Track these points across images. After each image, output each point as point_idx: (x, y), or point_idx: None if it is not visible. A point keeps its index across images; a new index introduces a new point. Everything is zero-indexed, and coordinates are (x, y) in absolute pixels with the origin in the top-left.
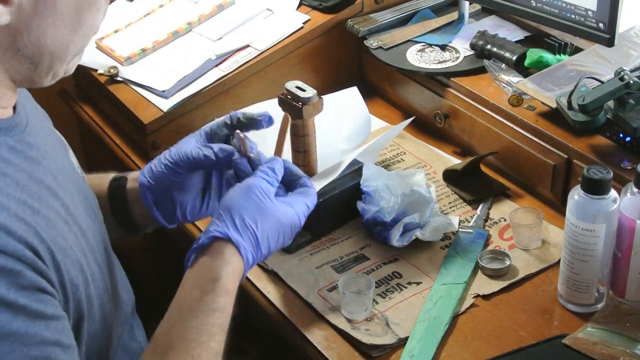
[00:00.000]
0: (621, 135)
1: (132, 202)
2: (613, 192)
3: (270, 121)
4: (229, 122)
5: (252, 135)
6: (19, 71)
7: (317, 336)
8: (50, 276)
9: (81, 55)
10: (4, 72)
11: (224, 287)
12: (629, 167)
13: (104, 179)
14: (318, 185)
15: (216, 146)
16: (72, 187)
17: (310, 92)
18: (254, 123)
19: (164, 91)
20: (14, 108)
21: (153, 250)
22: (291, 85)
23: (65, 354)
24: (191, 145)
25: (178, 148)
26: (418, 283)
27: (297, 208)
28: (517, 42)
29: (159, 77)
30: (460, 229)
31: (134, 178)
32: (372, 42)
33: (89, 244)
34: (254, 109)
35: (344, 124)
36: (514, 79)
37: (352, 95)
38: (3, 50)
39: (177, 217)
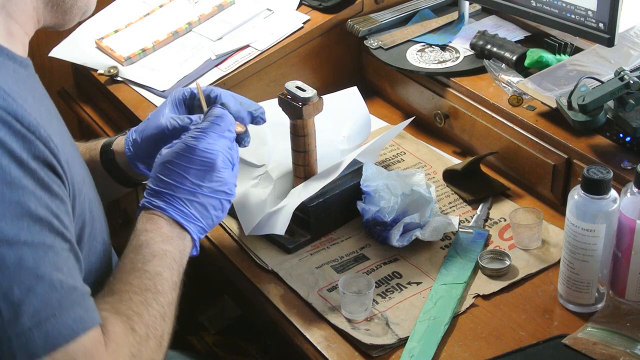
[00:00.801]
0: (621, 135)
1: (126, 169)
2: (613, 192)
3: (261, 120)
4: (196, 103)
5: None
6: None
7: (317, 336)
8: (60, 161)
9: None
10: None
11: (142, 229)
12: (629, 167)
13: (95, 151)
14: (318, 185)
15: (187, 118)
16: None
17: (310, 92)
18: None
19: (164, 91)
20: None
21: None
22: (291, 85)
23: (64, 230)
24: (167, 116)
25: (153, 120)
26: (418, 283)
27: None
28: (517, 42)
29: (159, 77)
30: (460, 229)
31: (119, 150)
32: (372, 42)
33: (89, 182)
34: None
35: (344, 124)
36: (514, 79)
37: (352, 95)
38: None
39: None
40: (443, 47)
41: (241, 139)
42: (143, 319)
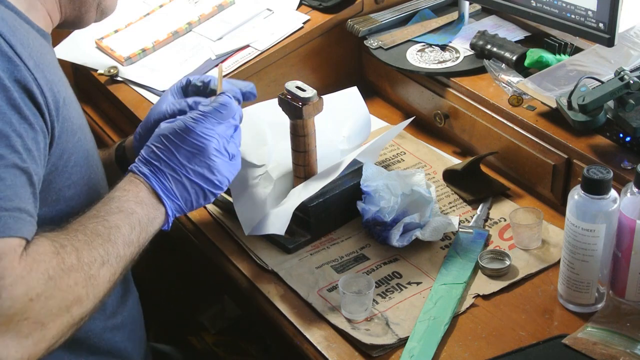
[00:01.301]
0: (621, 135)
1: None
2: (613, 192)
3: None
4: (201, 88)
5: (252, 138)
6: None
7: (317, 336)
8: (44, 92)
9: None
10: None
11: (121, 188)
12: (629, 167)
13: (111, 150)
14: (318, 185)
15: (184, 101)
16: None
17: (310, 92)
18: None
19: (164, 91)
20: None
21: (153, 250)
22: (291, 85)
23: (24, 150)
24: (167, 101)
25: (155, 108)
26: (418, 283)
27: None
28: (517, 42)
29: (159, 77)
30: (460, 229)
31: (129, 146)
32: (372, 42)
33: (91, 149)
34: (256, 109)
35: (344, 124)
36: (514, 79)
37: (352, 95)
38: None
39: None
40: (443, 47)
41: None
42: (78, 254)
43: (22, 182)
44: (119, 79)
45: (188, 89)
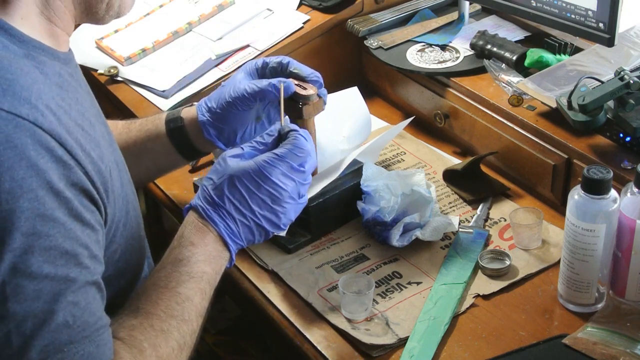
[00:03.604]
0: (621, 135)
1: (194, 137)
2: (613, 192)
3: (317, 80)
4: (278, 69)
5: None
6: None
7: (317, 336)
8: (96, 183)
9: None
10: None
11: (188, 239)
12: (629, 167)
13: (157, 122)
14: (318, 185)
15: (266, 81)
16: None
17: (310, 90)
18: (298, 79)
19: (164, 91)
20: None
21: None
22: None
23: (91, 261)
24: (244, 82)
25: (233, 87)
26: (418, 283)
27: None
28: (517, 42)
29: (159, 77)
30: (460, 229)
31: (191, 117)
32: (372, 42)
33: (126, 173)
34: None
35: (344, 124)
36: (514, 79)
37: (352, 95)
38: None
39: (237, 142)
40: (443, 47)
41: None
42: (157, 351)
43: (93, 295)
44: (119, 79)
45: (265, 71)
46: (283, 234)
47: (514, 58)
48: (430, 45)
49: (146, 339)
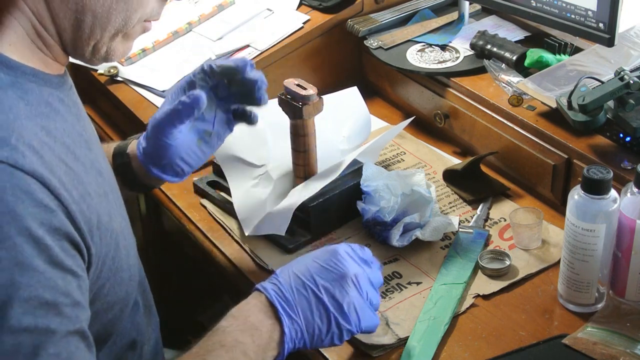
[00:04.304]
0: (621, 135)
1: (140, 173)
2: (613, 192)
3: (252, 67)
4: (207, 70)
5: (252, 138)
6: (65, 28)
7: None
8: (79, 226)
9: (129, 44)
10: (54, 22)
11: (232, 314)
12: (629, 167)
13: (106, 154)
14: (318, 185)
15: (185, 95)
16: (101, 152)
17: (310, 90)
18: (231, 72)
19: (164, 91)
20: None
21: (154, 252)
22: (290, 82)
23: (72, 309)
24: (166, 106)
25: (157, 115)
26: (418, 283)
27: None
28: (517, 42)
29: (159, 77)
30: (460, 229)
31: (134, 155)
32: (372, 42)
33: (119, 199)
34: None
35: (344, 124)
36: (514, 79)
37: (352, 95)
38: None
39: (185, 171)
40: (443, 47)
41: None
42: None
43: (76, 345)
44: (119, 79)
45: (195, 84)
46: (282, 232)
47: (514, 58)
48: (430, 45)
49: None
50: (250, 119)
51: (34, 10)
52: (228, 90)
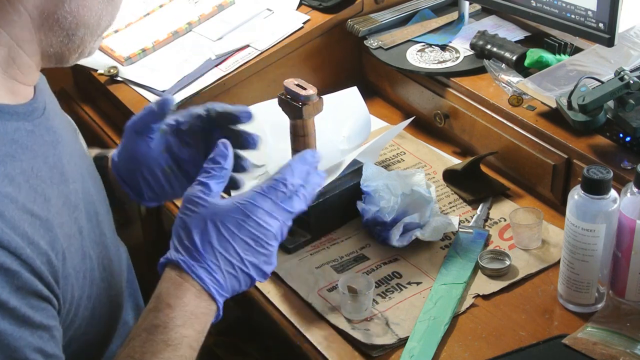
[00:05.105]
0: (621, 135)
1: (112, 180)
2: (613, 192)
3: (249, 117)
4: (204, 115)
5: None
6: (51, 44)
7: (317, 336)
8: (47, 279)
9: (101, 37)
10: (39, 45)
11: (165, 301)
12: (629, 167)
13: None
14: None
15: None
16: (85, 169)
17: (310, 90)
18: (233, 118)
19: (164, 91)
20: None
21: (154, 252)
22: (290, 82)
23: None
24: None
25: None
26: (418, 283)
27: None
28: (517, 42)
29: (159, 77)
30: (460, 229)
31: (111, 156)
32: (372, 42)
33: (100, 225)
34: (256, 109)
35: (344, 124)
36: (514, 79)
37: (352, 95)
38: (43, 19)
39: (146, 195)
40: (443, 47)
41: (242, 163)
42: None
43: None
44: (119, 79)
45: (184, 129)
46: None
47: (514, 58)
48: (430, 45)
49: None
50: (234, 184)
51: (17, 37)
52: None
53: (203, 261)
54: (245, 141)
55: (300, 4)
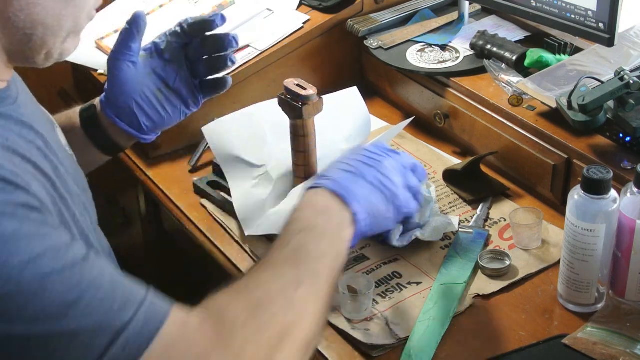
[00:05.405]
0: (621, 135)
1: (106, 125)
2: (613, 192)
3: (222, 19)
4: (179, 30)
5: (252, 138)
6: (12, 42)
7: None
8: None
9: (78, 38)
10: (0, 42)
11: (299, 203)
12: (629, 167)
13: (72, 114)
14: None
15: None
16: (64, 158)
17: (310, 90)
18: (205, 25)
19: None
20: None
21: (153, 252)
22: (290, 82)
23: (69, 247)
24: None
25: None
26: (418, 283)
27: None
28: (517, 42)
29: None
30: (460, 229)
31: (99, 102)
32: (372, 42)
33: (78, 207)
34: (256, 109)
35: (344, 124)
36: (514, 79)
37: (352, 95)
38: None
39: (143, 124)
40: (443, 47)
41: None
42: (265, 288)
43: (95, 263)
44: None
45: (165, 49)
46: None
47: (514, 58)
48: (430, 45)
49: (244, 309)
50: (220, 85)
51: None
52: (200, 51)
53: (358, 180)
54: (224, 42)
55: (300, 4)
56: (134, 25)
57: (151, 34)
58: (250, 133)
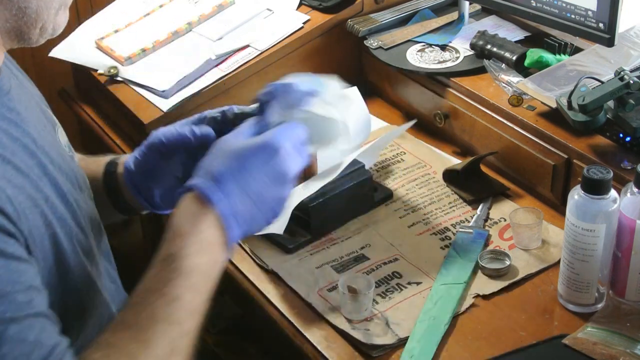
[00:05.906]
0: (621, 135)
1: (123, 186)
2: (613, 192)
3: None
4: (219, 118)
5: None
6: (7, 19)
7: (317, 336)
8: (13, 220)
9: (67, 12)
10: None
11: (179, 230)
12: (629, 167)
13: (100, 162)
14: (318, 185)
15: (196, 127)
16: (56, 156)
17: None
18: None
19: (164, 91)
20: None
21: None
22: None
23: (25, 294)
24: (170, 127)
25: (157, 131)
26: (418, 283)
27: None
28: (517, 42)
29: (159, 77)
30: (460, 229)
31: (123, 162)
32: (372, 42)
33: (69, 206)
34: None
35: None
36: (514, 79)
37: (352, 95)
38: None
39: (158, 203)
40: (443, 47)
41: None
42: None
43: (41, 326)
44: (119, 79)
45: (205, 122)
46: (281, 231)
47: (514, 58)
48: (430, 45)
49: (125, 354)
50: None
51: None
52: None
53: (223, 186)
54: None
55: (300, 4)
56: (198, 142)
57: (151, 35)
58: None
